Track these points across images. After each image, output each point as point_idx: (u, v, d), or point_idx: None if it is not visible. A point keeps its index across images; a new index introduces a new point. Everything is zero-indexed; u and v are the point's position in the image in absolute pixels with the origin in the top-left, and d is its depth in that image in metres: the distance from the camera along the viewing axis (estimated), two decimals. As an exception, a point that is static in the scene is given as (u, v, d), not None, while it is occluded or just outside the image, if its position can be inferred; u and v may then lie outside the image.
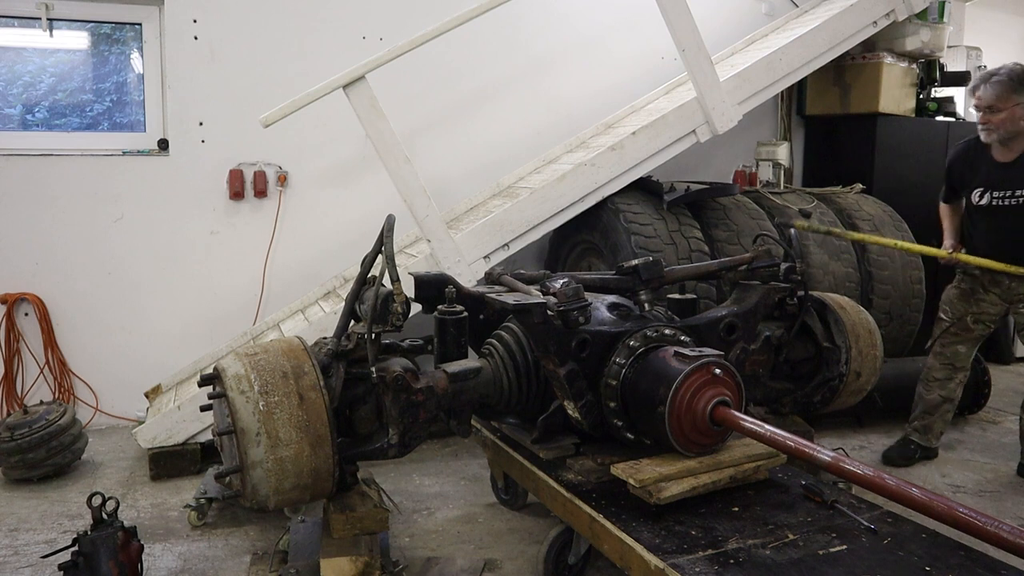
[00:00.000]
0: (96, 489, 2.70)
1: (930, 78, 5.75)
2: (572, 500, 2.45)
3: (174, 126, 4.48)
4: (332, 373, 2.37)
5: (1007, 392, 5.21)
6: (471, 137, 4.98)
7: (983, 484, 3.69)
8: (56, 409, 3.80)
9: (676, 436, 2.43)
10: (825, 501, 2.41)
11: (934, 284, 4.73)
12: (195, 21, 4.42)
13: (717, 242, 4.33)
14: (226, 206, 4.57)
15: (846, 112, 5.59)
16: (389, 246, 2.39)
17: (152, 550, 2.96)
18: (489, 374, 2.67)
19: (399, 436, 2.45)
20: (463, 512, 3.35)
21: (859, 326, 3.15)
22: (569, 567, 2.68)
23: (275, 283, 4.66)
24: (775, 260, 3.02)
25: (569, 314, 2.50)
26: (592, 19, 5.21)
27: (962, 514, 1.66)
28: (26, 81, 4.51)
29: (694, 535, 2.20)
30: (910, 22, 5.19)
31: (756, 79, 4.49)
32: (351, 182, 4.75)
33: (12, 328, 4.29)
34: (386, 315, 2.40)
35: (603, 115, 5.17)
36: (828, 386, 3.15)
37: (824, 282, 4.42)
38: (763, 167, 5.45)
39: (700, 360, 2.42)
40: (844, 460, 1.96)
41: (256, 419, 2.15)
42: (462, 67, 4.89)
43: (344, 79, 3.63)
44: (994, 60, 6.53)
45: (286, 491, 2.21)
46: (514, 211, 4.02)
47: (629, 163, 4.21)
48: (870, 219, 4.83)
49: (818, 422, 4.01)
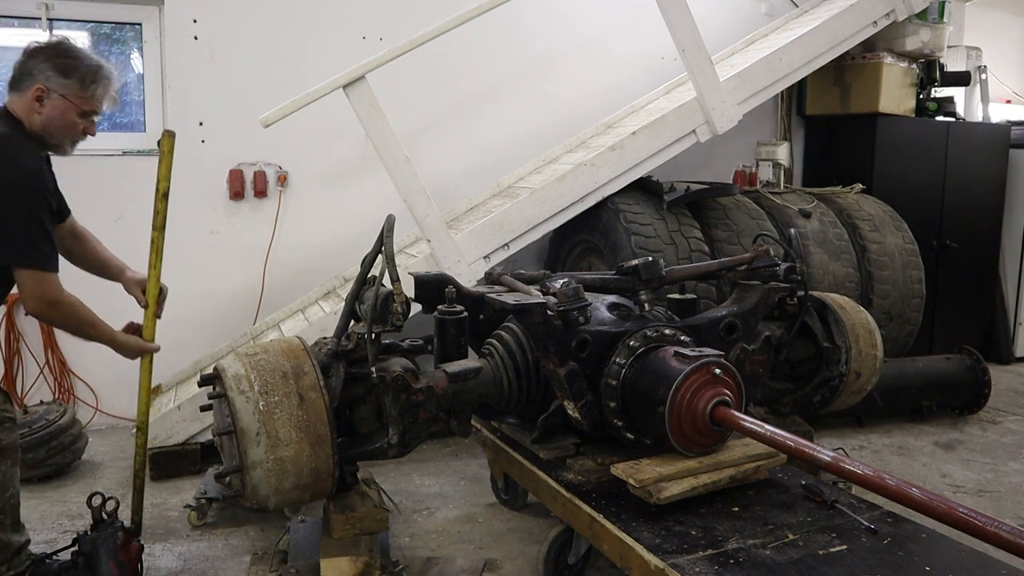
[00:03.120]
0: (96, 489, 2.69)
1: (930, 78, 5.76)
2: (572, 500, 2.45)
3: (174, 126, 4.40)
4: (332, 373, 2.37)
5: (1007, 392, 5.22)
6: (471, 137, 4.98)
7: (983, 484, 3.69)
8: (56, 409, 3.80)
9: (676, 436, 2.43)
10: (825, 501, 2.41)
11: (934, 284, 4.73)
12: (195, 21, 4.42)
13: (717, 242, 4.33)
14: (226, 206, 4.57)
15: (846, 112, 5.59)
16: (389, 246, 2.39)
17: (152, 550, 2.96)
18: (489, 374, 2.67)
19: (399, 436, 2.45)
20: (463, 512, 3.35)
21: (859, 326, 3.16)
22: (569, 567, 2.68)
23: (275, 283, 4.65)
24: (775, 260, 3.02)
25: (569, 314, 2.50)
26: (592, 19, 5.21)
27: (962, 514, 1.66)
28: (26, 81, 4.51)
29: (694, 535, 2.20)
30: (910, 22, 5.19)
31: (756, 79, 4.49)
32: (351, 182, 4.75)
33: (12, 328, 4.29)
34: (386, 315, 2.40)
35: (603, 115, 5.17)
36: (828, 386, 3.15)
37: (824, 282, 4.42)
38: (763, 167, 5.45)
39: (700, 360, 2.42)
40: (844, 460, 1.96)
41: (256, 419, 2.15)
42: (462, 67, 4.89)
43: (344, 79, 3.64)
44: (994, 60, 6.56)
45: (286, 491, 2.21)
46: (514, 211, 4.02)
47: (629, 163, 4.22)
48: (870, 219, 4.83)
49: (818, 422, 4.01)
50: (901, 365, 4.55)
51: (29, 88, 2.31)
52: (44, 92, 2.32)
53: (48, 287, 2.34)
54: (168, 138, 2.68)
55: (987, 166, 5.86)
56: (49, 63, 2.32)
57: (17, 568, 2.45)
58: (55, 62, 2.33)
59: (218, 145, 4.51)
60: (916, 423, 4.54)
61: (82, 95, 2.36)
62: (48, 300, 2.35)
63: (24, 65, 2.34)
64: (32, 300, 2.34)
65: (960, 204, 5.72)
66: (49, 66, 2.32)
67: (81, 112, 2.39)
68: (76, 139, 2.45)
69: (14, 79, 2.33)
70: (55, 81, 2.32)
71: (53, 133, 2.37)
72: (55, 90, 2.32)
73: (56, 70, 2.32)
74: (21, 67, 2.34)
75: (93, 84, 2.38)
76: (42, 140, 2.39)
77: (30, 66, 2.33)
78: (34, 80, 2.31)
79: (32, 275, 2.31)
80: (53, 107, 2.33)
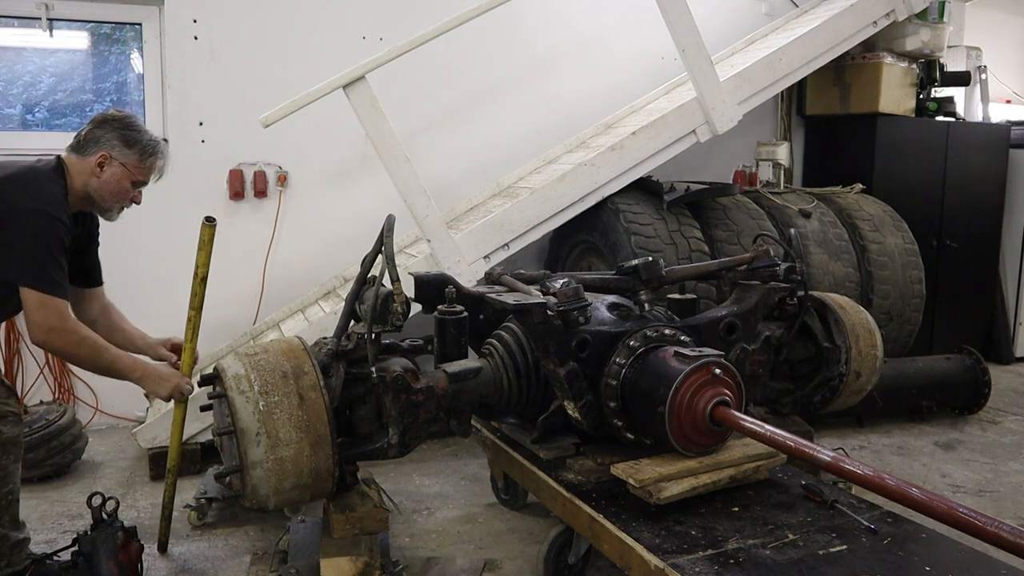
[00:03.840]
0: (96, 489, 2.70)
1: (930, 78, 5.75)
2: (572, 500, 2.45)
3: (174, 126, 4.48)
4: (332, 373, 2.37)
5: (1007, 392, 5.22)
6: (471, 137, 4.98)
7: (983, 484, 3.69)
8: (56, 409, 3.80)
9: (676, 436, 2.43)
10: (825, 501, 2.41)
11: (934, 284, 4.73)
12: (195, 21, 4.42)
13: (717, 242, 4.33)
14: (226, 206, 4.57)
15: (846, 112, 5.59)
16: (389, 246, 2.39)
17: (152, 550, 2.96)
18: (489, 374, 2.67)
19: (399, 436, 2.45)
20: (463, 512, 3.35)
21: (859, 326, 3.15)
22: (569, 567, 2.68)
23: (275, 283, 4.65)
24: (775, 260, 3.02)
25: (569, 314, 2.50)
26: (592, 19, 5.21)
27: (962, 514, 1.66)
28: (26, 81, 4.51)
29: (694, 535, 2.21)
30: (910, 22, 5.19)
31: (756, 79, 4.49)
32: (351, 182, 4.75)
33: (12, 328, 4.29)
34: (386, 315, 2.40)
35: (603, 115, 5.16)
36: (828, 386, 3.15)
37: (824, 282, 4.42)
38: (763, 167, 5.45)
39: (700, 360, 2.42)
40: (844, 460, 1.96)
41: (256, 419, 2.15)
42: (462, 67, 4.89)
43: (344, 79, 3.63)
44: (994, 60, 6.56)
45: (286, 491, 2.21)
46: (514, 211, 4.02)
47: (629, 163, 4.21)
48: (870, 219, 4.83)
49: (818, 422, 4.01)
50: (901, 365, 4.55)
51: (93, 154, 2.49)
52: (106, 159, 2.50)
53: (52, 312, 2.31)
54: (208, 228, 2.71)
55: (987, 166, 5.86)
56: (116, 133, 2.51)
57: (16, 566, 2.45)
58: (121, 133, 2.52)
59: (218, 145, 4.51)
60: (916, 423, 4.54)
61: (139, 166, 2.55)
62: (50, 325, 2.30)
63: (92, 132, 2.51)
64: (35, 326, 2.30)
65: (960, 204, 5.72)
66: (115, 136, 2.51)
67: (134, 181, 2.57)
68: (124, 205, 2.61)
69: (80, 143, 2.50)
70: (119, 151, 2.50)
71: (106, 197, 2.53)
72: (116, 158, 2.50)
73: (121, 140, 2.51)
74: (89, 133, 2.51)
75: (151, 157, 2.57)
76: (92, 201, 2.54)
77: (97, 134, 2.51)
78: (99, 147, 2.50)
79: (37, 297, 2.29)
80: (112, 174, 2.50)
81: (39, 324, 2.30)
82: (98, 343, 2.42)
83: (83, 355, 2.41)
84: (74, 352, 2.40)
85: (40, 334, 2.31)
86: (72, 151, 2.52)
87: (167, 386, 2.59)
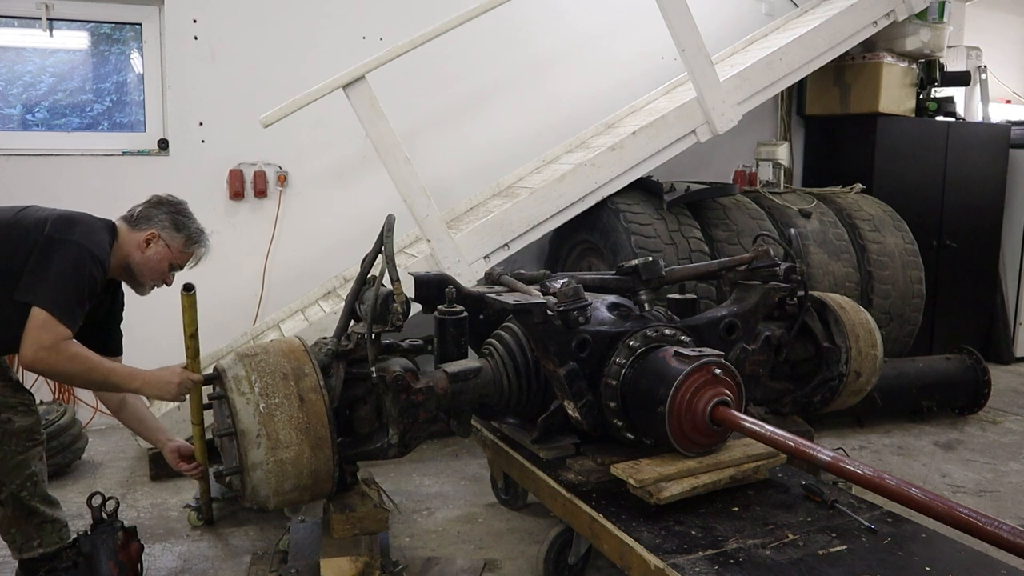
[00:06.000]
0: (96, 489, 2.69)
1: (930, 78, 5.75)
2: (572, 500, 2.45)
3: (174, 126, 4.48)
4: (332, 373, 2.37)
5: (1007, 392, 5.22)
6: (471, 137, 4.98)
7: (983, 484, 3.69)
8: (56, 409, 3.80)
9: (676, 436, 2.43)
10: (825, 501, 2.41)
11: (934, 284, 4.73)
12: (195, 21, 4.42)
13: (717, 242, 4.33)
14: (226, 206, 4.57)
15: (846, 112, 5.59)
16: (389, 246, 2.39)
17: (152, 550, 2.96)
18: (489, 374, 2.67)
19: (399, 436, 2.45)
20: (463, 512, 3.35)
21: (859, 326, 3.16)
22: (569, 567, 2.68)
23: (275, 283, 4.65)
24: (775, 260, 3.02)
25: (569, 314, 2.50)
26: (592, 19, 5.21)
27: (962, 514, 1.66)
28: (26, 81, 4.51)
29: (694, 535, 2.21)
30: (910, 22, 5.19)
31: (756, 79, 4.49)
32: (351, 182, 4.75)
33: (12, 328, 4.28)
34: (386, 315, 2.40)
35: (603, 115, 5.17)
36: (828, 386, 3.15)
37: (824, 282, 4.42)
38: (763, 167, 5.45)
39: (700, 360, 2.42)
40: (844, 460, 1.96)
41: (256, 421, 2.15)
42: (462, 67, 4.89)
43: (344, 79, 3.63)
44: (994, 60, 6.56)
45: (286, 492, 2.21)
46: (514, 211, 4.02)
47: (629, 163, 4.21)
48: (870, 219, 4.83)
49: (818, 422, 4.01)
50: (901, 365, 4.55)
51: (144, 230, 2.60)
52: (155, 237, 2.60)
53: (50, 333, 2.24)
54: (188, 297, 2.73)
55: (987, 166, 5.86)
56: (168, 217, 2.63)
57: (48, 547, 2.44)
58: (173, 217, 2.64)
59: (218, 145, 4.51)
60: (916, 423, 4.54)
61: (183, 250, 2.67)
62: (41, 344, 2.23)
63: (146, 210, 2.64)
64: (27, 344, 2.23)
65: (960, 204, 5.72)
66: (167, 219, 2.63)
67: (172, 263, 2.67)
68: (157, 284, 2.70)
69: (133, 218, 2.63)
70: (168, 232, 2.62)
71: (144, 273, 2.62)
72: (164, 239, 2.61)
73: (172, 224, 2.63)
74: (143, 211, 2.63)
75: (195, 244, 2.69)
76: (129, 273, 2.62)
77: (152, 213, 2.63)
78: (151, 225, 2.61)
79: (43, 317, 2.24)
80: (155, 252, 2.61)
81: (32, 341, 2.24)
82: (91, 358, 2.35)
83: (75, 371, 2.34)
84: (65, 369, 2.32)
85: (30, 351, 2.24)
86: (125, 222, 2.62)
87: (172, 387, 2.55)
